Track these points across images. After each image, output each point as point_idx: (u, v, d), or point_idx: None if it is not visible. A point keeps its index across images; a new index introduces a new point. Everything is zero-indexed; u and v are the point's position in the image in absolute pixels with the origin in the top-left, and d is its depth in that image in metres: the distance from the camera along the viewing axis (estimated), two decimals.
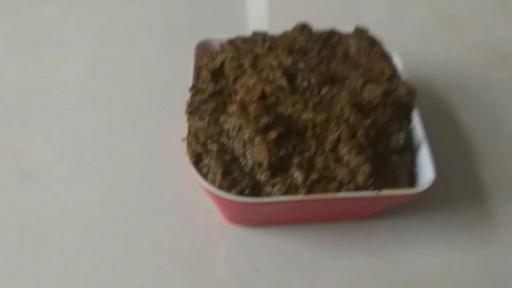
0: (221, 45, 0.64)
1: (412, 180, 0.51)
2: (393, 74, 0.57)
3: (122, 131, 0.70)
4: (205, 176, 0.51)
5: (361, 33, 0.63)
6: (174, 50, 0.82)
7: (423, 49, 0.80)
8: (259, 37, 0.64)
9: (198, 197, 0.59)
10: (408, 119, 0.55)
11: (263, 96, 0.55)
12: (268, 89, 0.54)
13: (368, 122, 0.50)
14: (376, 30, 0.64)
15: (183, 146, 0.54)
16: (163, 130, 0.69)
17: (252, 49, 0.62)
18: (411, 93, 0.54)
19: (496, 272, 0.53)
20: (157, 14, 0.92)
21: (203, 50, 0.66)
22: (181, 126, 0.56)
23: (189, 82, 0.61)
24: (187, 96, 0.58)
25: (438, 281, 0.52)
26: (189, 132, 0.55)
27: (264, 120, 0.50)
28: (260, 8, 0.94)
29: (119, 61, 0.81)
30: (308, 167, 0.49)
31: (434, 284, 0.52)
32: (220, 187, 0.49)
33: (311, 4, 0.92)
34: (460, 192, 0.59)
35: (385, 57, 0.60)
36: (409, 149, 0.53)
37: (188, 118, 0.56)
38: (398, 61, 0.60)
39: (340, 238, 0.56)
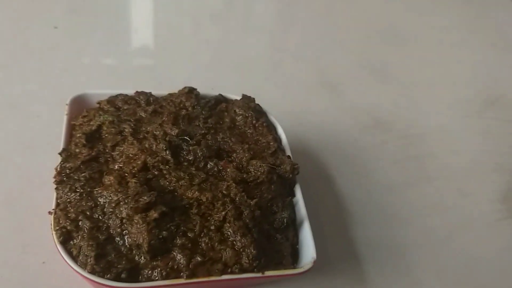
0: (100, 104, 0.59)
1: (294, 255, 0.52)
2: (278, 148, 0.58)
3: None
4: (75, 257, 0.45)
5: (247, 101, 0.63)
6: (44, 103, 0.74)
7: (303, 110, 0.85)
8: (143, 98, 0.61)
9: (66, 267, 0.53)
10: (291, 194, 0.56)
11: (144, 168, 0.51)
12: (150, 161, 0.51)
13: (253, 202, 0.50)
14: (260, 85, 0.65)
15: (50, 220, 0.47)
16: (27, 197, 0.61)
17: (134, 111, 0.58)
18: (295, 169, 0.55)
19: None
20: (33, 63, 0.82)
21: (78, 106, 0.60)
22: (48, 194, 0.50)
23: (60, 144, 0.54)
24: (56, 160, 0.52)
25: None
26: (57, 205, 0.49)
27: (145, 199, 0.47)
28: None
29: None
30: (191, 248, 0.47)
31: None
32: (93, 271, 0.44)
33: (194, 69, 0.91)
34: (337, 257, 0.62)
35: (270, 129, 0.61)
36: (292, 225, 0.53)
37: (57, 188, 0.50)
38: (282, 133, 0.62)
39: None
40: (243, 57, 0.97)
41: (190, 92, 0.62)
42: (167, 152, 0.52)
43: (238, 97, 0.65)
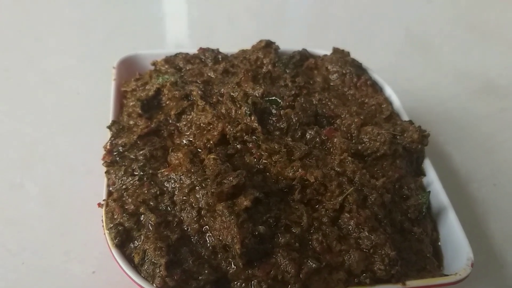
0: (156, 64, 0.46)
1: (438, 258, 0.36)
2: (393, 112, 0.43)
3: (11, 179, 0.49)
4: (138, 265, 0.32)
5: (341, 56, 0.48)
6: (85, 68, 0.62)
7: (395, 75, 0.69)
8: (209, 56, 0.47)
9: (122, 275, 0.40)
10: (420, 171, 0.40)
11: (223, 140, 0.37)
12: (230, 131, 0.37)
13: (380, 182, 0.35)
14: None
15: (101, 215, 0.34)
16: (67, 171, 0.50)
17: (200, 72, 0.45)
18: (424, 137, 0.40)
19: None
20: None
21: (128, 70, 0.47)
22: (96, 182, 0.37)
23: (108, 116, 0.41)
24: (105, 136, 0.39)
25: None
26: (110, 194, 0.36)
27: (232, 180, 0.33)
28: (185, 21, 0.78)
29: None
30: (300, 250, 0.32)
31: None
32: (164, 285, 0.30)
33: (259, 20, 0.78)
34: (482, 258, 0.46)
35: (376, 89, 0.46)
36: (428, 214, 0.38)
37: (108, 172, 0.37)
38: (392, 94, 0.47)
39: None
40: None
41: (268, 46, 0.48)
42: (252, 117, 0.38)
43: (327, 52, 0.51)
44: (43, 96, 0.61)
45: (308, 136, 0.39)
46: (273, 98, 0.40)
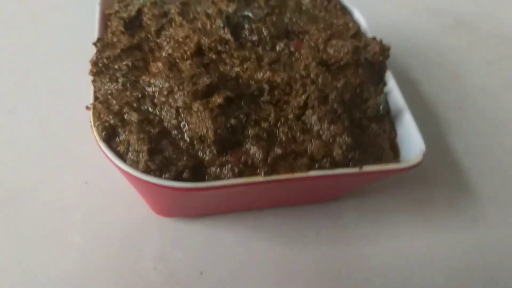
0: None
1: (395, 152, 0.41)
2: (359, 30, 0.47)
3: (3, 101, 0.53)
4: (123, 155, 0.35)
5: None
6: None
7: (371, 12, 0.72)
8: None
9: (113, 184, 0.45)
10: (382, 81, 0.44)
11: (199, 52, 0.41)
12: (205, 42, 0.41)
13: (340, 83, 0.39)
14: None
15: (89, 116, 0.38)
16: (58, 96, 0.53)
17: None
18: (385, 51, 0.44)
19: (485, 253, 0.45)
20: None
21: None
22: (83, 90, 0.40)
23: (94, 35, 0.45)
24: (91, 52, 0.42)
25: (422, 267, 0.43)
26: (96, 98, 0.39)
27: (205, 80, 0.36)
28: None
29: None
30: (268, 140, 0.36)
31: (418, 271, 0.43)
32: (147, 169, 0.34)
33: None
34: (436, 166, 0.51)
35: (346, 12, 0.49)
36: (387, 117, 0.42)
37: (94, 80, 0.40)
38: (360, 17, 0.50)
39: (304, 225, 0.45)
40: None
41: None
42: (226, 29, 0.41)
43: None
44: (32, 26, 0.64)
45: (278, 48, 0.42)
46: (246, 14, 0.43)
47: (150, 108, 0.38)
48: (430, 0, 0.76)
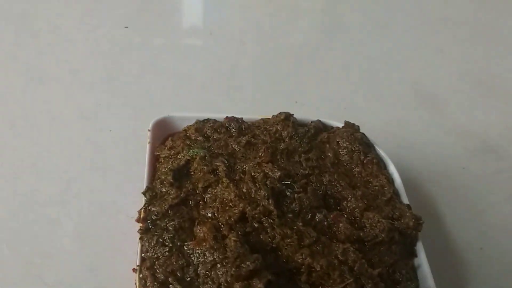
0: (186, 131, 0.51)
1: None
2: (393, 193, 0.49)
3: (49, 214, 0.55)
4: None
5: (352, 131, 0.54)
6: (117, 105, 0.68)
7: (400, 128, 0.74)
8: (234, 126, 0.52)
9: None
10: (412, 255, 0.46)
11: (242, 218, 0.43)
12: (250, 212, 0.43)
13: (376, 271, 0.41)
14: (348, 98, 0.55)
15: (134, 280, 0.40)
16: (98, 224, 0.54)
17: (226, 143, 0.50)
18: (419, 225, 0.46)
19: None
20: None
21: (160, 131, 0.52)
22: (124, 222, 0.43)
23: (143, 180, 0.47)
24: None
25: None
26: (143, 260, 0.42)
27: (249, 265, 0.39)
28: None
29: None
30: None
31: None
32: None
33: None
34: None
35: (381, 167, 0.51)
36: None
37: (142, 238, 0.43)
38: (394, 171, 0.52)
39: None
40: (328, 66, 0.86)
41: (287, 119, 0.53)
42: (270, 201, 0.43)
43: (339, 124, 0.56)
44: (78, 131, 0.67)
45: (317, 219, 0.44)
46: (289, 182, 0.46)
47: (193, 279, 0.40)
48: (459, 120, 0.78)
